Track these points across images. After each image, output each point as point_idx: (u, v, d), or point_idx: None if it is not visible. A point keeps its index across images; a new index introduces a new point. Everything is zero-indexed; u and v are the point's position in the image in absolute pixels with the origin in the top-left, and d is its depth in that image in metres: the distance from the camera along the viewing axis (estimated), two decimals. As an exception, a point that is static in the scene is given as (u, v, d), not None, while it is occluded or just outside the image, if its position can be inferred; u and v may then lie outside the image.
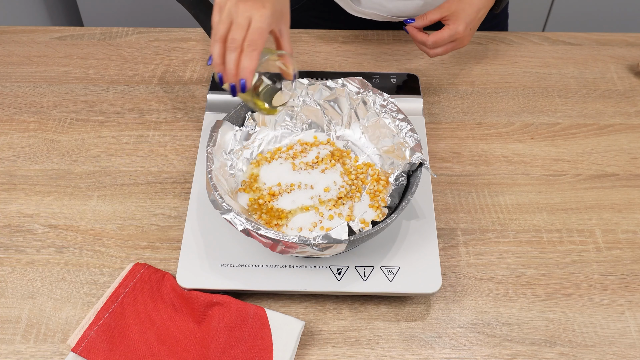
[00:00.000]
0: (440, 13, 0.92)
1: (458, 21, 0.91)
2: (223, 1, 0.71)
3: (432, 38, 0.91)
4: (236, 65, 0.69)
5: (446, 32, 0.91)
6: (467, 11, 0.91)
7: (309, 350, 0.73)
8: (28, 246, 0.82)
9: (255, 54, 0.69)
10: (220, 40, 0.70)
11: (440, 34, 0.91)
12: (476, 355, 0.73)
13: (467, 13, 0.91)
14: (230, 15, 0.70)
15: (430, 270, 0.76)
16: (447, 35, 0.91)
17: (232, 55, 0.69)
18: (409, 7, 1.06)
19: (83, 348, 0.70)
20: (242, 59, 0.69)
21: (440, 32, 0.91)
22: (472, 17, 0.92)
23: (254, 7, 0.70)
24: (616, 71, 1.06)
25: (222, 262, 0.76)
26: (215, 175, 0.76)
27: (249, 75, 0.69)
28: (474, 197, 0.88)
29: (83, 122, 0.97)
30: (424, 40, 0.92)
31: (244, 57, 0.69)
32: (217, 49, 0.71)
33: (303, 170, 0.83)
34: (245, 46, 0.69)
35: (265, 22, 0.69)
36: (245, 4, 0.70)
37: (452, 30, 0.90)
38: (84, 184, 0.89)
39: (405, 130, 0.81)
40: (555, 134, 0.96)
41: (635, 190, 0.89)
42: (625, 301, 0.78)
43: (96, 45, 1.09)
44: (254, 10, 0.69)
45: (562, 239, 0.84)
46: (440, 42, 0.92)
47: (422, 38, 0.93)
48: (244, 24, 0.69)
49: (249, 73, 0.69)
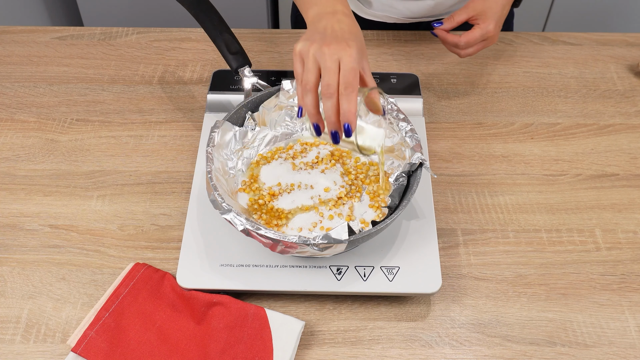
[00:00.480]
0: (467, 13, 0.92)
1: (487, 20, 0.90)
2: (304, 48, 0.68)
3: (464, 39, 0.91)
4: (336, 111, 0.67)
5: (478, 32, 0.91)
6: (494, 9, 0.91)
7: (309, 350, 0.73)
8: (28, 246, 0.82)
9: (354, 95, 0.66)
10: (312, 89, 0.68)
11: (472, 34, 0.91)
12: (476, 355, 0.73)
13: (494, 11, 0.91)
14: (317, 61, 0.67)
15: (430, 270, 0.76)
16: (479, 35, 0.91)
17: (330, 102, 0.66)
18: (421, 8, 1.05)
19: (83, 348, 0.70)
20: (342, 103, 0.66)
21: (471, 32, 0.91)
22: (500, 14, 0.91)
23: (341, 48, 0.67)
24: (616, 71, 1.06)
25: (222, 262, 0.76)
26: (215, 175, 0.76)
27: (353, 118, 0.66)
28: (474, 197, 0.88)
29: (83, 122, 0.97)
30: (456, 42, 0.92)
31: (344, 100, 0.66)
32: (309, 99, 0.68)
33: (303, 170, 0.83)
34: (342, 89, 0.66)
35: (356, 61, 0.67)
36: (329, 47, 0.67)
37: (483, 29, 0.90)
38: (84, 184, 0.89)
39: (405, 130, 0.81)
40: (555, 134, 0.96)
41: (635, 190, 0.89)
42: (625, 301, 0.78)
43: (96, 45, 1.09)
44: (342, 51, 0.67)
45: (562, 239, 0.84)
46: (472, 42, 0.91)
47: (454, 40, 0.92)
48: (334, 68, 0.67)
49: (352, 116, 0.66)
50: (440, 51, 1.09)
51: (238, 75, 0.88)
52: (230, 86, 0.96)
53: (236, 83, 0.96)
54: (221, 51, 0.87)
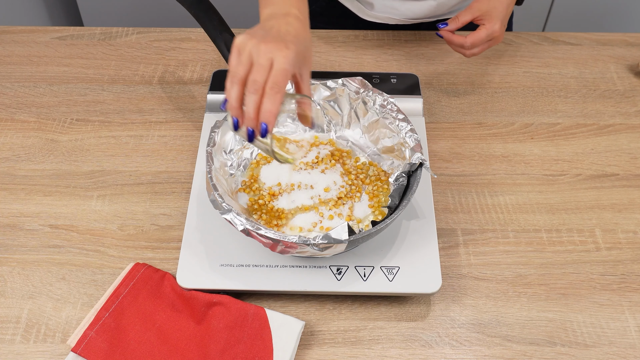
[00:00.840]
0: (472, 14, 0.92)
1: (493, 20, 0.90)
2: (243, 42, 0.67)
3: (469, 39, 0.91)
4: (256, 108, 0.65)
5: (483, 32, 0.90)
6: (499, 9, 0.91)
7: (309, 350, 0.73)
8: (28, 246, 0.82)
9: (278, 96, 0.65)
10: (239, 82, 0.66)
11: (478, 34, 0.91)
12: (476, 355, 0.73)
13: (499, 10, 0.91)
14: (251, 56, 0.66)
15: (430, 270, 0.76)
16: (485, 35, 0.91)
17: (252, 97, 0.65)
18: (423, 8, 1.05)
19: (83, 348, 0.70)
20: (264, 102, 0.65)
21: (477, 32, 0.91)
22: (504, 13, 0.91)
23: (277, 47, 0.66)
24: (616, 71, 1.06)
25: (222, 262, 0.76)
26: (215, 175, 0.76)
27: (272, 119, 0.65)
28: (474, 197, 0.88)
29: (83, 122, 0.97)
30: (462, 42, 0.92)
31: (266, 99, 0.65)
32: (234, 92, 0.66)
33: (303, 170, 0.83)
34: (267, 88, 0.65)
35: (289, 63, 0.65)
36: (267, 45, 0.66)
37: (488, 29, 0.90)
38: (84, 184, 0.89)
39: (405, 130, 0.81)
40: (555, 134, 0.96)
41: (635, 190, 0.89)
42: (625, 301, 0.78)
43: (96, 45, 1.09)
44: (277, 51, 0.66)
45: (562, 239, 0.84)
46: (478, 43, 0.91)
47: (460, 41, 0.92)
48: (266, 65, 0.65)
49: (271, 116, 0.65)
50: (440, 51, 1.09)
51: (238, 75, 0.87)
52: (230, 86, 0.96)
53: (236, 83, 0.96)
54: (221, 51, 0.87)
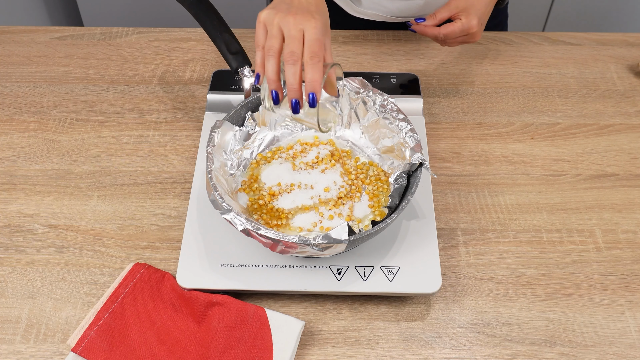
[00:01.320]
0: (449, 11, 0.92)
1: (470, 16, 0.91)
2: (269, 16, 0.68)
3: (443, 31, 0.91)
4: (299, 78, 0.65)
5: (458, 25, 0.91)
6: (477, 6, 0.91)
7: (309, 350, 0.73)
8: (28, 246, 0.82)
9: (320, 65, 0.65)
10: (275, 54, 0.66)
11: (452, 27, 0.91)
12: (476, 355, 0.73)
13: (477, 8, 0.91)
14: (281, 29, 0.67)
15: (430, 270, 0.76)
16: (459, 29, 0.91)
17: (293, 68, 0.65)
18: (411, 7, 1.06)
19: (83, 348, 0.70)
20: (308, 72, 0.65)
21: (452, 25, 0.91)
22: (482, 11, 0.92)
23: (305, 19, 0.67)
24: (616, 71, 1.06)
25: (222, 262, 0.76)
26: (215, 175, 0.76)
27: (319, 88, 0.65)
28: (474, 197, 0.88)
29: (83, 122, 0.97)
30: (435, 34, 0.93)
31: (309, 69, 0.65)
32: (271, 65, 0.66)
33: (303, 170, 0.83)
34: (307, 58, 0.65)
35: (320, 33, 0.67)
36: (295, 17, 0.67)
37: (464, 25, 0.91)
38: (84, 184, 0.89)
39: (405, 130, 0.81)
40: (555, 134, 0.96)
41: (635, 190, 0.89)
42: (625, 301, 0.78)
43: (96, 45, 1.09)
44: (306, 22, 0.67)
45: (562, 239, 0.84)
46: (451, 35, 0.92)
47: (433, 32, 0.93)
48: (299, 37, 0.66)
49: (318, 85, 0.65)
50: (440, 51, 1.09)
51: (238, 75, 0.87)
52: (230, 86, 0.96)
53: (236, 83, 0.96)
54: (221, 51, 0.87)
